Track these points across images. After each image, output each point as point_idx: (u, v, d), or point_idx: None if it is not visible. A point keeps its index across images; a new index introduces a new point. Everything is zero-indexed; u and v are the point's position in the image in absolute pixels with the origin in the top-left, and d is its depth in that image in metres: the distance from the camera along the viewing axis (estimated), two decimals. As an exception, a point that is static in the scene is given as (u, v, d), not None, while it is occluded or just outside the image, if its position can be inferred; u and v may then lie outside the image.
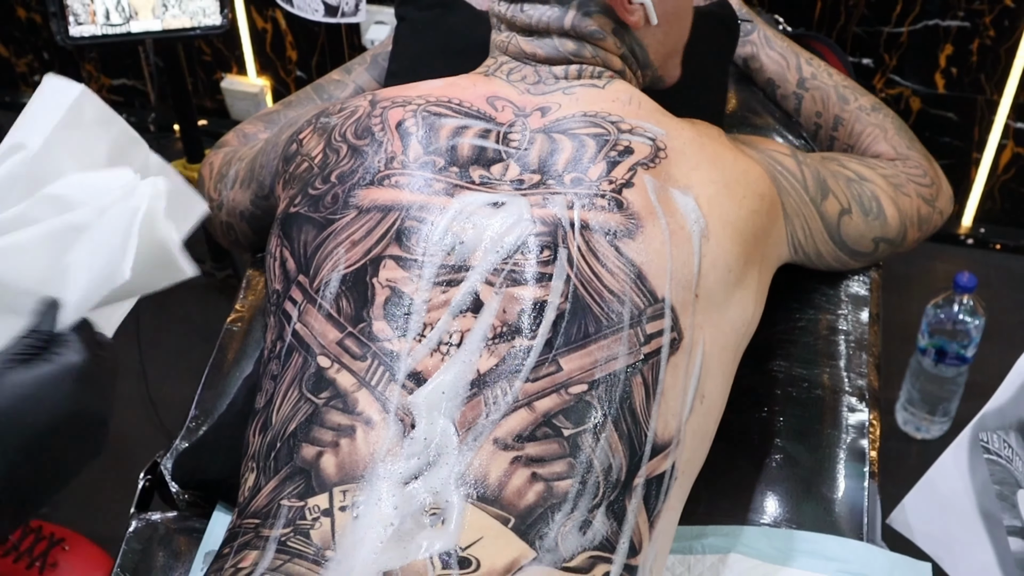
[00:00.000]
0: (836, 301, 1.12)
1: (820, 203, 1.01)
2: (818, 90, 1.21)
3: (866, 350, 1.08)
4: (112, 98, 2.62)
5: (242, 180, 1.09)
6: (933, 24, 1.88)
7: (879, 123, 1.17)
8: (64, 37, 1.56)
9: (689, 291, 0.85)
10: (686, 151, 0.91)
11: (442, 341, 0.81)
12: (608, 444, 0.78)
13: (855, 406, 1.04)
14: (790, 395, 1.05)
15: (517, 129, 0.91)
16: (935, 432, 1.80)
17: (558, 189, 0.87)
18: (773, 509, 0.98)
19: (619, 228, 0.84)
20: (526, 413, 0.78)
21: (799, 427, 1.02)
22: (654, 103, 0.95)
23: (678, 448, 0.83)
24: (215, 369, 1.11)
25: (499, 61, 0.99)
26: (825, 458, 1.00)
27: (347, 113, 0.95)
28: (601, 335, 0.81)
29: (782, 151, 1.03)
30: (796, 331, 1.10)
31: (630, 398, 0.80)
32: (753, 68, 1.27)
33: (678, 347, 0.83)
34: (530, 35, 0.96)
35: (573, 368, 0.79)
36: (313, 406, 0.80)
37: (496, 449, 0.77)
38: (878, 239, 1.08)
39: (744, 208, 0.91)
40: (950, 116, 1.99)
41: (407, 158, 0.89)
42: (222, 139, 1.24)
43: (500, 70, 0.98)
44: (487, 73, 0.98)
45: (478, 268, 0.83)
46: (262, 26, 2.29)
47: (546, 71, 0.96)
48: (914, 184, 1.11)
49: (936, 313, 1.69)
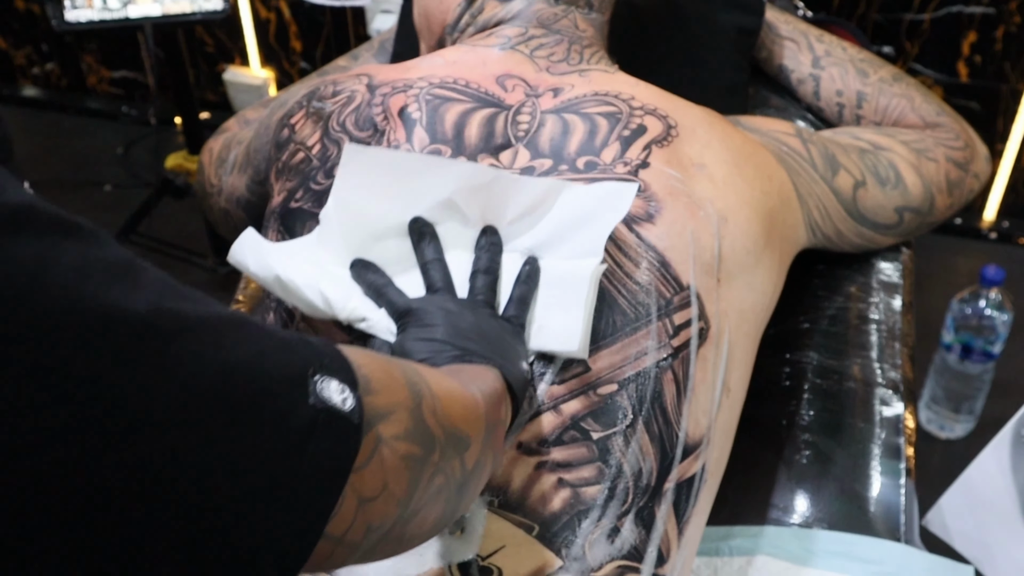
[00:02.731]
0: (867, 288, 1.06)
1: (831, 180, 0.96)
2: (835, 67, 1.15)
3: (899, 340, 1.03)
4: (113, 90, 2.58)
5: (240, 165, 1.04)
6: (956, 11, 1.84)
7: (904, 93, 1.11)
8: (60, 22, 1.52)
9: (711, 276, 0.80)
10: (696, 129, 0.86)
11: None
12: (639, 447, 0.74)
13: (889, 399, 0.98)
14: (820, 387, 0.99)
15: (527, 110, 0.86)
16: (959, 431, 1.75)
17: (571, 175, 0.81)
18: (803, 508, 0.92)
19: (638, 212, 0.79)
20: (552, 416, 0.73)
21: (830, 421, 0.97)
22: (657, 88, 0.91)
23: (708, 448, 0.78)
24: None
25: (528, 33, 0.92)
26: (858, 454, 0.95)
27: (343, 99, 0.88)
28: (629, 329, 0.76)
29: (785, 131, 0.98)
30: (825, 320, 1.04)
31: (661, 396, 0.75)
32: (761, 57, 1.21)
33: (706, 337, 0.78)
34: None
35: (602, 367, 0.74)
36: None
37: (519, 454, 0.72)
38: (900, 208, 1.02)
39: (756, 189, 0.87)
40: (973, 106, 1.94)
41: (412, 147, 0.83)
42: (223, 125, 1.20)
43: (526, 44, 0.91)
44: (504, 47, 0.91)
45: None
46: (265, 15, 2.25)
47: (577, 49, 0.91)
48: (944, 148, 1.05)
49: (962, 308, 1.64)
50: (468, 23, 0.94)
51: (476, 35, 0.93)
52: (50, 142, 2.56)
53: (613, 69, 0.92)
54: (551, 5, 0.92)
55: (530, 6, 0.92)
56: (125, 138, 2.48)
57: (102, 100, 2.59)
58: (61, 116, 2.63)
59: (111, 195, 2.35)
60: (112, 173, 2.41)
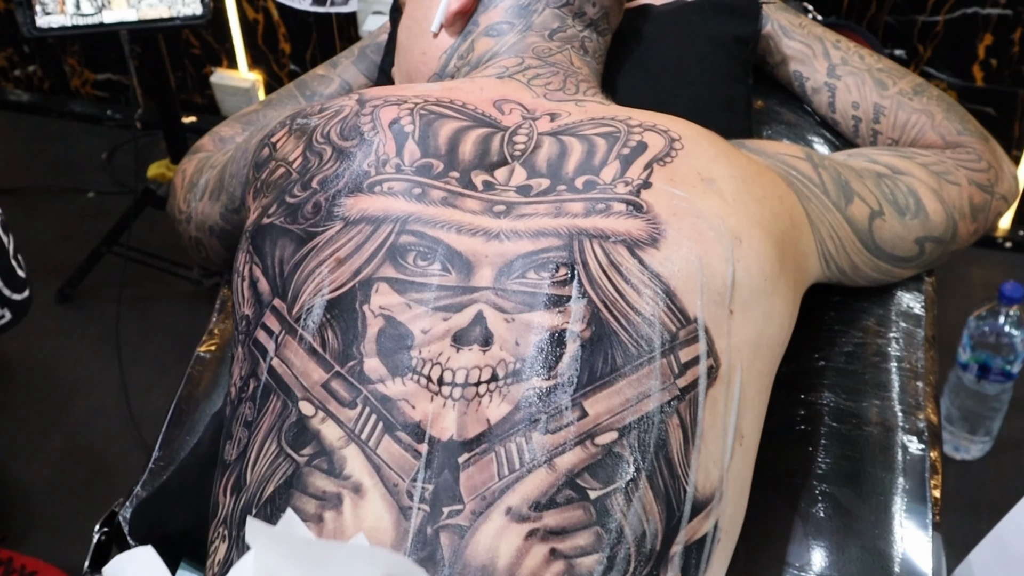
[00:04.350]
0: (886, 321, 0.99)
1: (845, 208, 0.89)
2: (852, 76, 1.07)
3: (922, 379, 0.95)
4: (97, 94, 2.52)
5: (212, 190, 0.97)
6: (972, 12, 1.79)
7: (924, 108, 1.03)
8: (31, 28, 1.44)
9: (722, 306, 0.73)
10: (702, 143, 0.80)
11: (444, 382, 0.68)
12: (642, 505, 0.66)
13: (912, 445, 0.91)
14: (837, 432, 0.92)
15: (523, 131, 0.80)
16: (975, 453, 1.69)
17: (569, 195, 0.75)
18: (822, 567, 0.85)
19: (641, 236, 0.72)
20: (545, 473, 0.65)
21: (849, 470, 0.90)
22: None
23: (721, 503, 0.70)
24: (183, 403, 0.98)
25: (525, 63, 0.89)
26: (881, 508, 0.87)
27: (330, 113, 0.82)
28: (630, 367, 0.68)
29: (794, 154, 0.90)
30: (841, 357, 0.97)
31: (666, 445, 0.67)
32: (773, 63, 1.13)
33: (716, 377, 0.71)
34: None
35: (600, 412, 0.67)
36: (294, 465, 0.68)
37: (509, 521, 0.64)
38: (922, 239, 0.94)
39: (767, 209, 0.80)
40: (988, 111, 1.88)
41: (401, 161, 0.77)
42: (197, 143, 1.13)
43: (523, 73, 0.88)
44: (501, 76, 0.88)
45: (485, 290, 0.70)
46: (253, 17, 2.19)
47: (573, 81, 0.88)
48: (965, 170, 0.98)
49: (979, 325, 1.57)
50: (459, 66, 0.92)
51: (472, 72, 0.90)
52: (33, 146, 2.51)
53: (608, 102, 0.88)
54: (546, 40, 0.90)
55: (524, 39, 0.90)
56: (110, 142, 2.42)
57: (86, 103, 2.53)
58: (44, 120, 2.57)
59: (94, 202, 2.29)
60: (96, 179, 2.35)
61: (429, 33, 0.94)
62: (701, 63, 1.05)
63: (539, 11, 0.92)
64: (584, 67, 0.91)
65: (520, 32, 0.91)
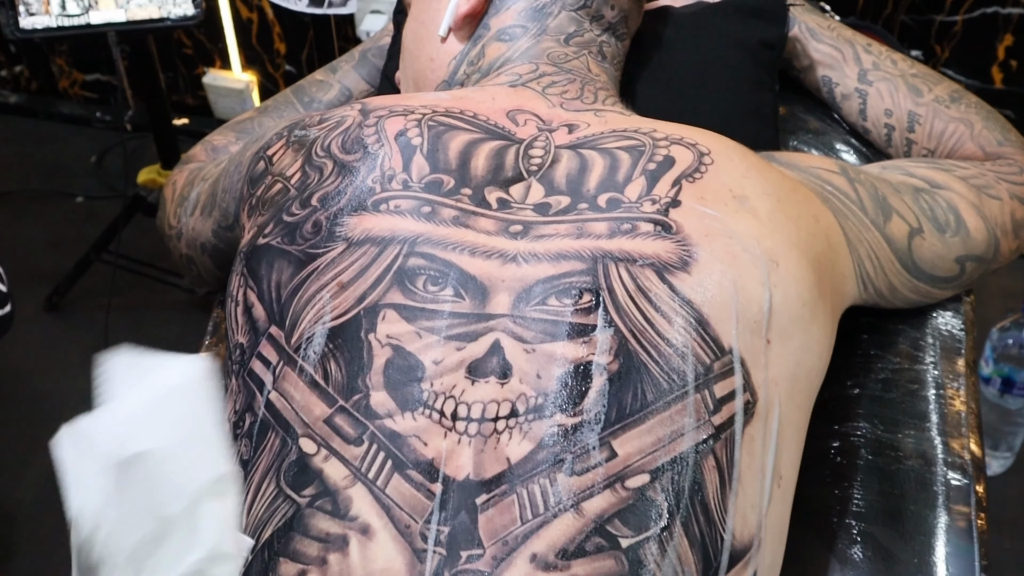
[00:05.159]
0: (922, 346, 0.93)
1: (883, 226, 0.83)
2: (884, 82, 1.02)
3: (964, 407, 0.89)
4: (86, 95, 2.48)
5: (203, 205, 0.92)
6: (992, 12, 1.77)
7: (962, 116, 0.98)
8: (13, 30, 1.39)
9: (759, 335, 0.67)
10: (732, 157, 0.75)
11: (459, 417, 0.63)
12: (677, 555, 0.61)
13: (955, 480, 0.85)
14: (874, 466, 0.87)
15: (540, 144, 0.75)
16: (996, 468, 1.65)
17: (592, 214, 0.69)
18: (860, 614, 0.80)
19: (670, 259, 0.67)
20: (572, 518, 0.60)
21: (888, 507, 0.84)
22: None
23: (760, 551, 0.65)
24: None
25: (539, 70, 0.84)
26: (924, 550, 0.82)
27: (331, 124, 0.77)
28: (662, 403, 0.63)
29: (828, 167, 0.85)
30: (877, 384, 0.91)
31: (702, 489, 0.63)
32: (800, 68, 1.07)
33: (753, 413, 0.66)
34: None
35: (630, 452, 0.62)
36: (294, 506, 0.63)
37: (534, 569, 0.59)
38: (962, 258, 0.89)
39: (803, 230, 0.74)
40: (1008, 114, 1.83)
41: (409, 176, 0.72)
42: (188, 153, 1.08)
43: (537, 81, 0.83)
44: (514, 83, 0.83)
45: (502, 318, 0.65)
46: (247, 16, 2.15)
47: (591, 89, 0.83)
48: (1007, 183, 0.92)
49: (1002, 338, 1.52)
50: (469, 72, 0.87)
51: (482, 80, 0.85)
52: (21, 149, 2.47)
53: (629, 112, 0.83)
54: (561, 45, 0.86)
55: (538, 44, 0.85)
56: (99, 145, 2.38)
57: (74, 105, 2.49)
58: (32, 121, 2.52)
59: (83, 207, 2.24)
60: (84, 183, 2.30)
61: (437, 37, 0.89)
62: (725, 69, 1.00)
63: (554, 14, 0.87)
64: (602, 74, 0.86)
65: (534, 36, 0.86)
